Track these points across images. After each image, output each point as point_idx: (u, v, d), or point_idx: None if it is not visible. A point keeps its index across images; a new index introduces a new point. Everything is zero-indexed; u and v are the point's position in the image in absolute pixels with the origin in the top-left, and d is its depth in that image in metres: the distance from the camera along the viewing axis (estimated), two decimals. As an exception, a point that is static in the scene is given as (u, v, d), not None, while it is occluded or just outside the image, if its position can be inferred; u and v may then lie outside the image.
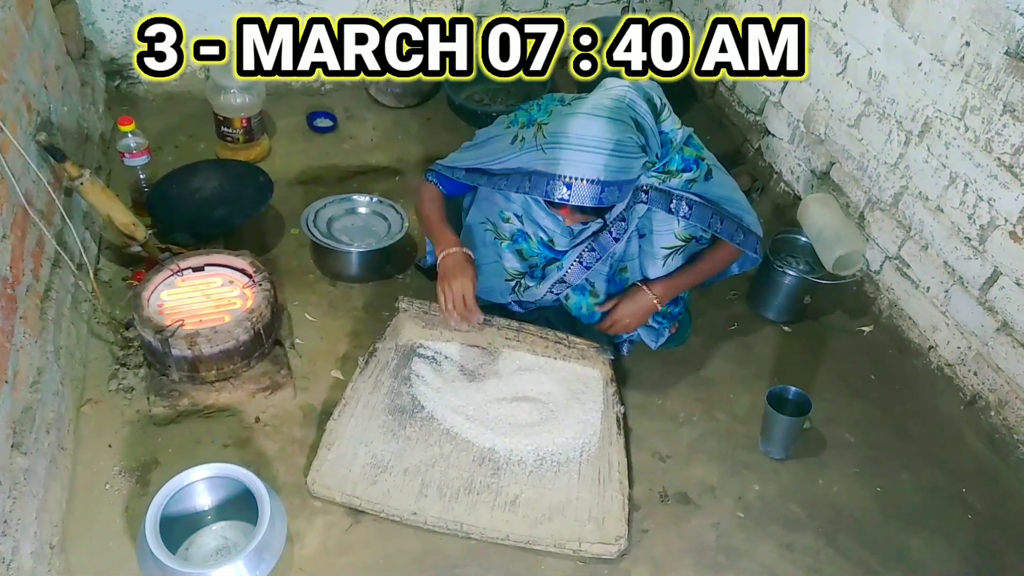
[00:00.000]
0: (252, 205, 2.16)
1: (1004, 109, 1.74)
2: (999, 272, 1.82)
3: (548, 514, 1.64)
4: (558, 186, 1.55)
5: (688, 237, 1.80)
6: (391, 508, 1.61)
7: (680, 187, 1.72)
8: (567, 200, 1.56)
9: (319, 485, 1.63)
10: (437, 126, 2.76)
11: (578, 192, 1.54)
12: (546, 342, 1.93)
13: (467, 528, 1.59)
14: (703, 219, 1.74)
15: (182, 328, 1.73)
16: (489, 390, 1.85)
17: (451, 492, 1.65)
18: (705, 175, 1.74)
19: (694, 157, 1.72)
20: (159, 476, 1.64)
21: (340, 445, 1.70)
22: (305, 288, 2.13)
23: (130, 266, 2.07)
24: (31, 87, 1.81)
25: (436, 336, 1.95)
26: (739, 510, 1.72)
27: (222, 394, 1.79)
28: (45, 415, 1.54)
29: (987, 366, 1.89)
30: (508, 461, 1.73)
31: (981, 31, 1.76)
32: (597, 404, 1.84)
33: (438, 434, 1.76)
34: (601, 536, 1.59)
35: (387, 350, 1.90)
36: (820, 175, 2.37)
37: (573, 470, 1.72)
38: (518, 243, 1.89)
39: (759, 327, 2.16)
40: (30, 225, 1.64)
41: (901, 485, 1.80)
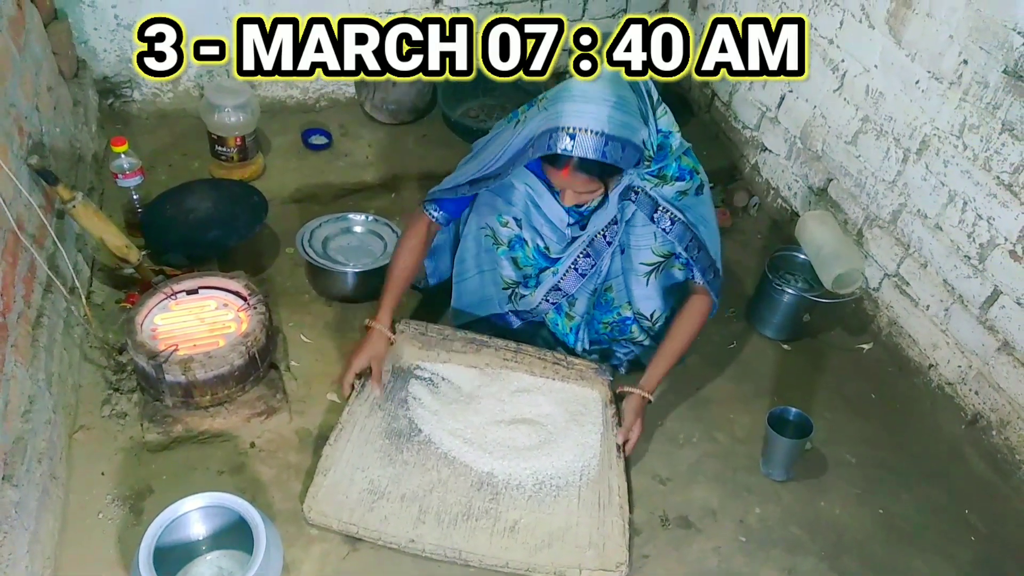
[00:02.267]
0: (246, 226, 2.14)
1: (1003, 128, 1.73)
2: (999, 291, 1.81)
3: (548, 540, 1.61)
4: (562, 137, 1.52)
5: (667, 253, 1.79)
6: (388, 536, 1.58)
7: (671, 198, 1.71)
8: (570, 151, 1.52)
9: (315, 512, 1.60)
10: (433, 143, 2.75)
11: (582, 142, 1.51)
12: (544, 363, 1.91)
13: (466, 555, 1.57)
14: (682, 239, 1.73)
15: (176, 353, 1.71)
16: (487, 412, 1.83)
17: (449, 518, 1.63)
18: (697, 189, 1.74)
19: (691, 168, 1.72)
20: (153, 504, 1.62)
21: (336, 471, 1.68)
22: (301, 309, 2.11)
23: (123, 288, 2.04)
24: (23, 109, 1.79)
25: (434, 357, 1.93)
26: (740, 534, 1.70)
27: (216, 419, 1.77)
28: (37, 445, 1.51)
29: (988, 385, 1.88)
30: (507, 486, 1.70)
31: (979, 49, 1.76)
32: (596, 426, 1.82)
33: (436, 458, 1.74)
34: (602, 563, 1.57)
35: (384, 372, 1.88)
36: (818, 191, 2.36)
37: (573, 494, 1.70)
38: (514, 250, 1.88)
39: (758, 345, 2.15)
40: (21, 251, 1.62)
41: (903, 506, 1.79)
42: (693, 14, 2.90)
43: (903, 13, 1.95)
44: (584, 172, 1.58)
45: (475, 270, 1.96)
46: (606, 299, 1.90)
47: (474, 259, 1.95)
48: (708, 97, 2.88)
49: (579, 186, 1.63)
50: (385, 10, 2.70)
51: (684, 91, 3.00)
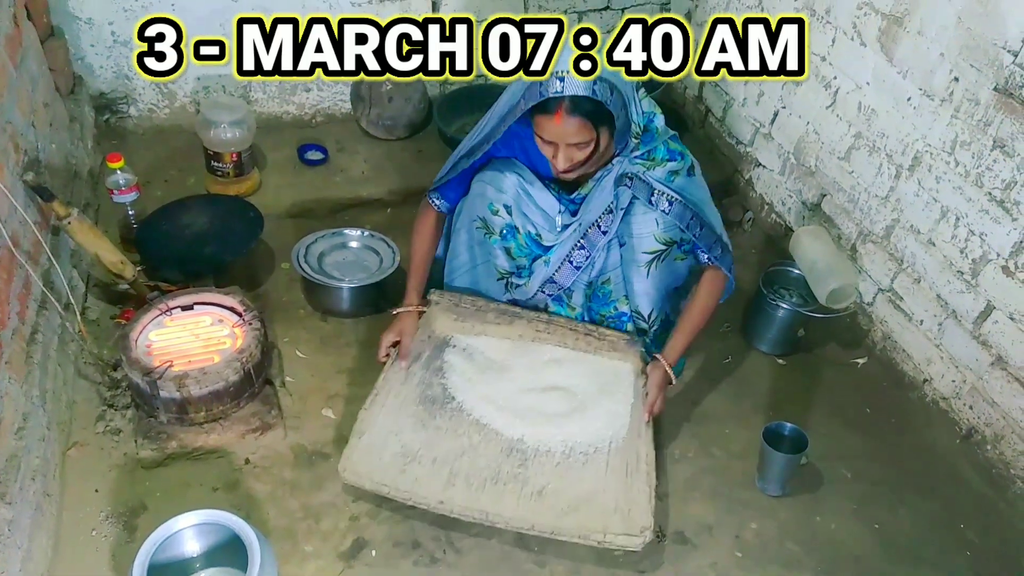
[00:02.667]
0: (242, 241, 2.14)
1: (994, 144, 1.75)
2: (992, 306, 1.82)
3: (574, 505, 1.62)
4: (551, 80, 1.58)
5: (669, 240, 1.79)
6: (419, 497, 1.61)
7: (663, 179, 1.74)
8: (561, 92, 1.57)
9: (349, 472, 1.63)
10: (428, 158, 2.76)
11: (571, 82, 1.57)
12: (576, 334, 1.92)
13: (493, 518, 1.59)
14: (682, 218, 1.76)
15: (170, 369, 1.71)
16: (519, 380, 1.85)
17: (478, 482, 1.65)
18: (688, 169, 1.78)
19: (679, 150, 1.77)
20: (147, 521, 1.61)
21: (371, 434, 1.70)
22: (296, 324, 2.11)
23: (119, 304, 2.04)
24: (19, 126, 1.79)
25: (468, 330, 1.94)
26: (737, 549, 1.70)
27: (211, 436, 1.77)
28: (30, 462, 1.50)
29: (982, 400, 1.88)
30: (536, 452, 1.72)
31: (970, 67, 1.77)
32: (627, 396, 1.82)
33: (467, 424, 1.76)
34: (627, 527, 1.57)
35: (419, 342, 1.90)
36: (811, 207, 2.38)
37: (601, 461, 1.71)
38: (507, 240, 1.90)
39: (753, 360, 2.16)
40: (16, 267, 1.62)
41: (899, 521, 1.79)
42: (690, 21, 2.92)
43: (894, 31, 1.97)
44: (576, 114, 1.61)
45: (469, 264, 1.99)
46: (603, 291, 1.91)
47: (468, 252, 1.98)
48: (702, 113, 2.90)
49: (572, 134, 1.64)
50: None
51: (678, 107, 3.01)
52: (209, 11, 2.51)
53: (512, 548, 1.66)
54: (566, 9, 2.89)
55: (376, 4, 2.66)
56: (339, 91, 2.82)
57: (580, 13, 2.92)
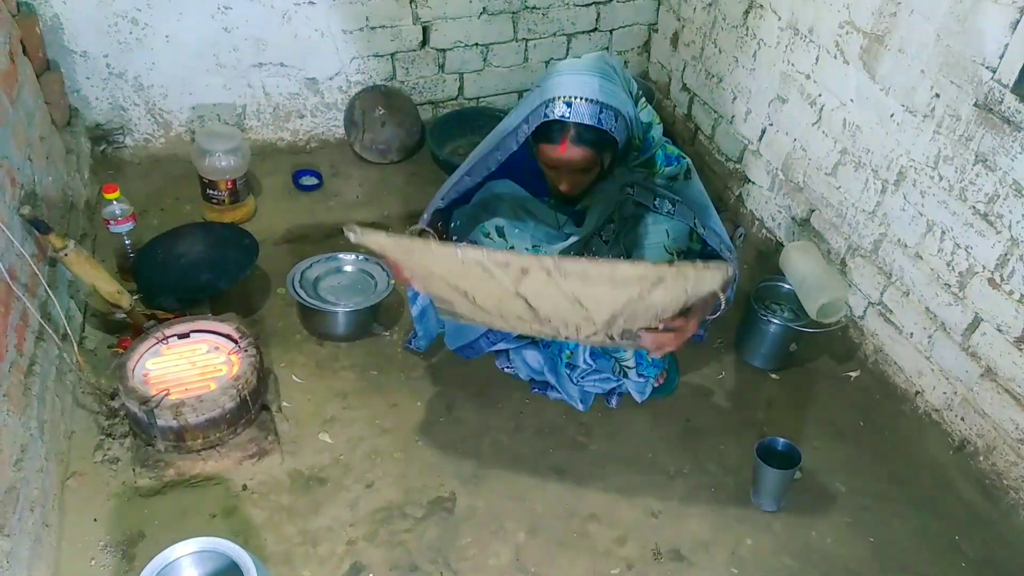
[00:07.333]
0: (237, 268, 2.16)
1: (976, 159, 1.77)
2: (980, 318, 1.84)
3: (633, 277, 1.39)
4: (557, 104, 1.57)
5: (678, 251, 1.79)
6: (434, 247, 1.47)
7: (664, 185, 1.76)
8: (568, 117, 1.56)
9: (363, 235, 1.42)
10: (422, 181, 2.78)
11: (578, 109, 1.56)
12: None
13: (526, 260, 1.38)
14: (687, 218, 1.77)
15: (167, 398, 1.73)
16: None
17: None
18: (686, 173, 1.80)
19: (676, 155, 1.79)
20: (145, 549, 1.62)
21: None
22: (292, 349, 2.13)
23: (116, 333, 2.06)
24: (15, 161, 1.82)
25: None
26: (733, 566, 1.70)
27: (208, 463, 1.78)
28: (29, 493, 1.52)
29: (973, 411, 1.90)
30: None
31: (950, 83, 1.80)
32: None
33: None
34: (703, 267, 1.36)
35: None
36: (800, 222, 2.40)
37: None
38: None
39: (746, 375, 2.17)
40: (13, 300, 1.64)
41: (894, 534, 1.79)
42: (675, 51, 2.96)
43: (876, 49, 2.00)
44: (582, 143, 1.61)
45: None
46: None
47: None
48: (692, 131, 2.93)
49: (577, 161, 1.64)
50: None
51: (668, 124, 3.05)
52: (201, 44, 2.55)
53: (513, 573, 1.66)
54: (555, 32, 2.93)
55: (367, 31, 2.70)
56: (332, 117, 2.86)
57: (568, 35, 2.97)
